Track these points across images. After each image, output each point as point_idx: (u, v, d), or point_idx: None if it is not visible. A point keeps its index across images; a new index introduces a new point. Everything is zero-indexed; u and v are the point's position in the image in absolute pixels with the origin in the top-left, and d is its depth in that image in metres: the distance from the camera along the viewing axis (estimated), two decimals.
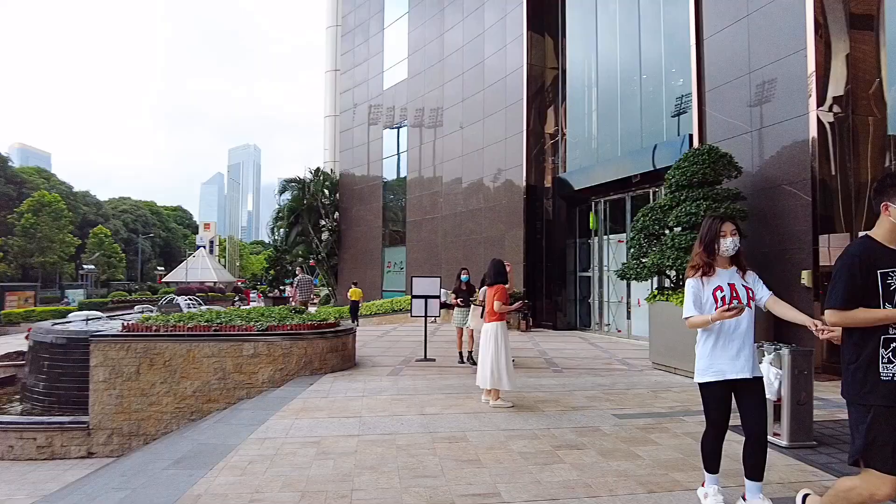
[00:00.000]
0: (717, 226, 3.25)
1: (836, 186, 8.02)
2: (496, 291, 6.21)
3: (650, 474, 3.98)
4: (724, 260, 3.28)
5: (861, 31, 8.10)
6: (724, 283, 3.21)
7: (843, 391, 2.62)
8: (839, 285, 2.55)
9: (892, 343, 2.50)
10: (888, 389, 2.46)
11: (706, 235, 3.28)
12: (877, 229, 2.59)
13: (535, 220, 15.90)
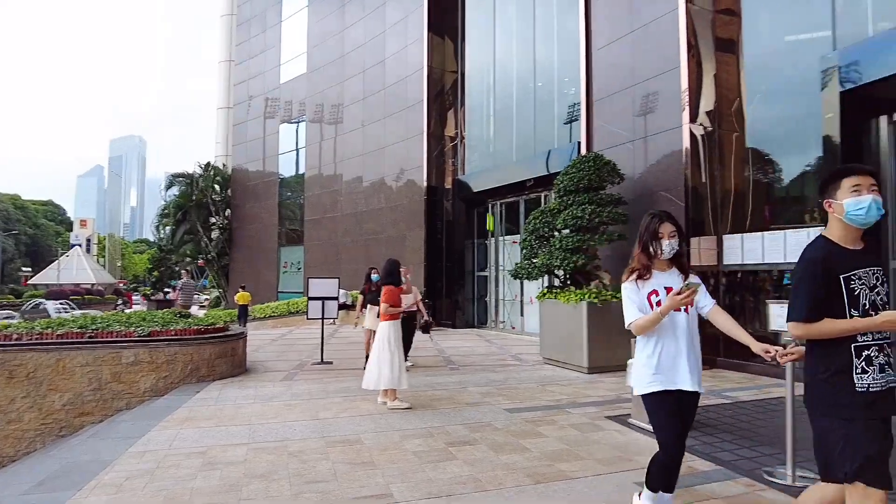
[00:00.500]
0: (655, 226, 2.95)
1: (705, 193, 8.81)
2: (384, 292, 6.23)
3: (537, 466, 4.16)
4: (663, 262, 3.01)
5: (725, 53, 8.95)
6: (661, 286, 2.94)
7: (813, 403, 2.43)
8: (801, 295, 2.33)
9: (864, 351, 2.30)
10: (866, 401, 2.26)
11: (644, 235, 3.00)
12: (830, 228, 2.43)
13: (435, 220, 16.10)
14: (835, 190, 2.37)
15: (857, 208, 2.30)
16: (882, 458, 2.24)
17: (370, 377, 6.06)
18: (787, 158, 8.22)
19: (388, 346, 6.07)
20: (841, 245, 2.36)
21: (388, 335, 6.11)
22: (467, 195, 15.48)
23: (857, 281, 2.29)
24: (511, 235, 14.50)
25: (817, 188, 2.61)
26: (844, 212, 2.33)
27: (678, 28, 8.85)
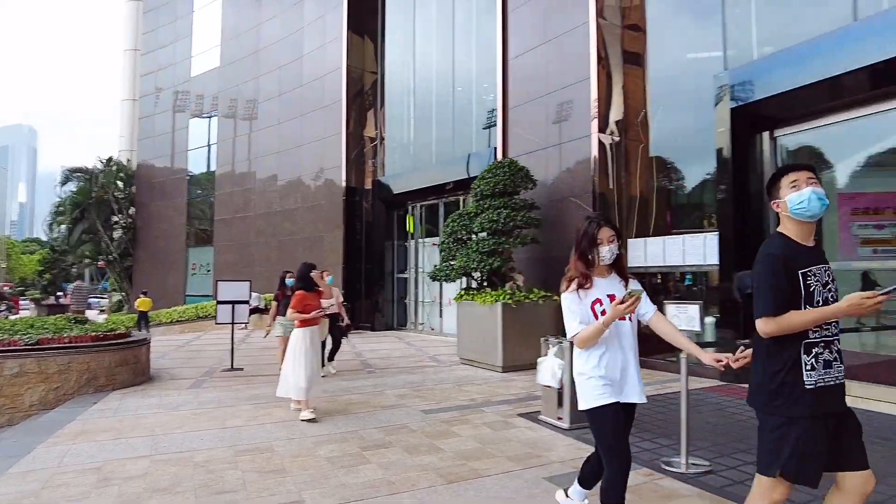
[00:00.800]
0: (593, 231, 2.78)
1: (612, 199, 9.28)
2: (294, 298, 5.96)
3: (451, 466, 4.22)
4: (602, 268, 2.85)
5: (632, 66, 9.48)
6: (604, 294, 2.79)
7: (759, 401, 2.41)
8: (767, 290, 2.30)
9: (813, 348, 2.31)
10: (813, 398, 2.27)
11: (581, 242, 2.81)
12: (784, 227, 2.45)
13: (354, 221, 15.92)
14: (777, 190, 2.44)
15: (799, 202, 2.35)
16: (818, 457, 2.25)
17: (283, 384, 5.83)
18: (686, 167, 8.82)
19: (300, 353, 5.74)
20: (796, 241, 2.37)
21: (299, 343, 5.81)
22: (387, 196, 15.43)
23: (812, 277, 2.30)
24: (431, 237, 14.60)
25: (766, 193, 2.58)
26: (789, 208, 2.37)
27: (589, 41, 9.28)
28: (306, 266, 6.28)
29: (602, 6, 9.34)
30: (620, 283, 2.85)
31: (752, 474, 3.89)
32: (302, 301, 5.90)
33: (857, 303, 2.15)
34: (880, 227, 8.55)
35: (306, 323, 5.89)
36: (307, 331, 5.88)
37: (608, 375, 2.76)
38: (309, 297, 6.02)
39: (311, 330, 5.94)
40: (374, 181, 15.99)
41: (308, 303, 5.93)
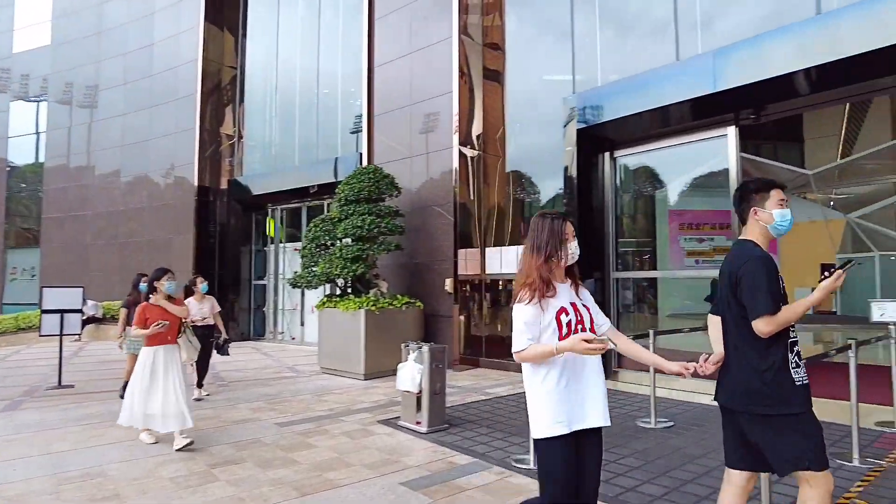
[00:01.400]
0: (559, 226, 2.46)
1: (473, 209, 9.66)
2: (137, 311, 5.11)
3: (306, 478, 4.12)
4: (560, 271, 2.50)
5: (492, 83, 9.96)
6: (567, 302, 2.44)
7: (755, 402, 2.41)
8: (764, 290, 2.37)
9: (795, 346, 2.44)
10: (803, 393, 2.39)
11: (549, 240, 2.44)
12: (752, 234, 2.56)
13: (208, 224, 14.91)
14: (763, 200, 2.54)
15: (783, 220, 2.52)
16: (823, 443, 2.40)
17: (127, 411, 4.96)
18: (540, 182, 9.44)
19: (146, 377, 4.92)
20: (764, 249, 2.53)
21: (147, 363, 4.97)
22: (245, 198, 14.67)
23: (782, 281, 2.48)
24: (293, 242, 14.12)
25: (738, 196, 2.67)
26: (774, 221, 2.51)
27: (452, 56, 9.60)
28: (156, 272, 5.37)
29: (465, 23, 9.73)
30: (571, 286, 2.53)
31: None
32: (143, 314, 5.04)
33: (828, 286, 2.39)
34: (701, 240, 9.80)
35: (156, 340, 5.04)
36: (157, 350, 5.02)
37: (568, 399, 2.37)
38: (153, 309, 5.12)
39: (165, 349, 5.06)
40: (231, 181, 15.11)
41: (148, 315, 5.02)
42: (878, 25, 5.43)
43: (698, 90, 6.77)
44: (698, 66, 6.83)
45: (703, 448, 4.72)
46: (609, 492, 3.77)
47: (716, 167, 7.69)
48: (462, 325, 9.37)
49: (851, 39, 5.60)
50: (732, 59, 6.48)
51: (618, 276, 8.29)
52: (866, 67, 5.82)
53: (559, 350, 2.29)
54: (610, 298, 8.23)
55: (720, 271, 2.68)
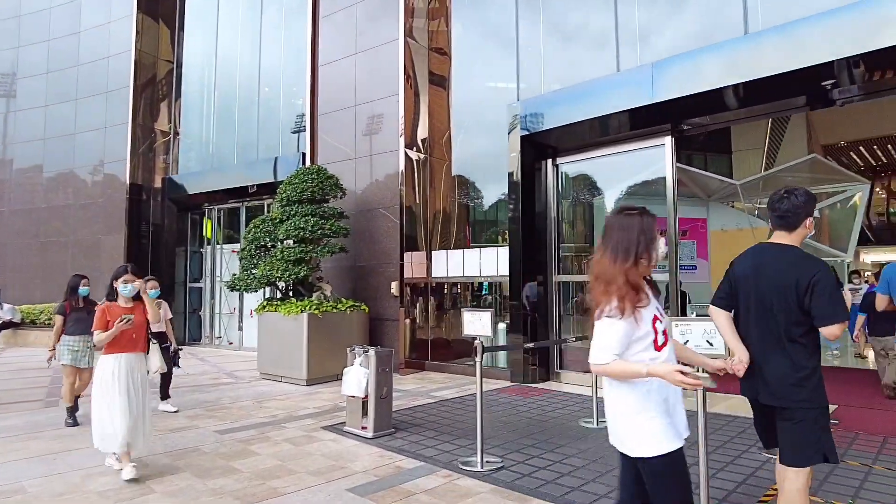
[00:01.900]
0: (648, 223, 2.20)
1: (418, 213, 9.65)
2: (97, 313, 4.40)
3: (248, 487, 3.99)
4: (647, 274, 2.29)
5: (438, 88, 10.01)
6: (655, 308, 2.24)
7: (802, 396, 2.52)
8: (840, 299, 2.58)
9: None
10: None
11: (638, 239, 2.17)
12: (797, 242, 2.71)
13: (140, 223, 14.22)
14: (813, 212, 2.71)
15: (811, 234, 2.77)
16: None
17: (100, 433, 4.26)
18: (484, 187, 9.56)
19: (112, 391, 4.23)
20: None
21: (108, 375, 4.28)
22: (181, 197, 14.09)
23: None
24: (231, 244, 13.68)
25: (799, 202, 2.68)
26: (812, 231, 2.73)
27: (398, 58, 9.57)
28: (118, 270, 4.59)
29: (410, 27, 9.73)
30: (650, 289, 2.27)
31: (538, 466, 4.35)
32: (103, 316, 4.34)
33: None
34: None
35: (120, 346, 4.34)
36: (120, 358, 4.32)
37: (673, 411, 2.24)
38: (115, 309, 4.40)
39: (128, 357, 4.36)
40: (166, 179, 14.49)
41: (111, 317, 4.31)
42: (796, 48, 5.83)
43: (637, 101, 7.04)
44: (637, 78, 7.10)
45: None
46: (555, 492, 3.85)
47: (653, 175, 8.01)
48: (408, 329, 9.34)
49: (774, 59, 5.98)
50: (670, 71, 6.78)
51: (559, 279, 8.49)
52: (786, 86, 6.23)
53: (650, 374, 2.07)
54: (551, 301, 8.41)
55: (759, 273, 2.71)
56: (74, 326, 5.97)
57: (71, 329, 5.98)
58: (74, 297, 6.10)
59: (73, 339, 5.95)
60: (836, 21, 5.60)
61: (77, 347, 5.96)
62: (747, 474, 4.10)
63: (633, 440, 2.19)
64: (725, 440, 4.98)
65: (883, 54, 5.38)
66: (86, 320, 5.76)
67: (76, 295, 6.12)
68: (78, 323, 5.96)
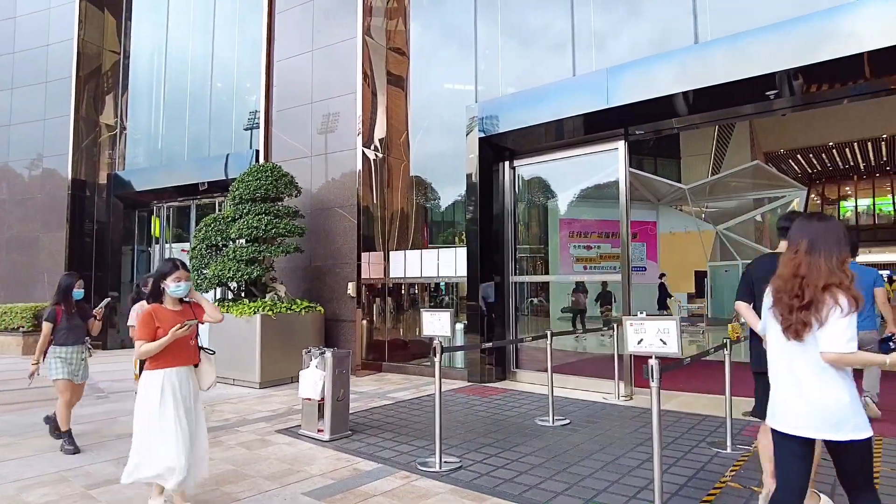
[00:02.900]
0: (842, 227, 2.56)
1: (376, 213, 9.59)
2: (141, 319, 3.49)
3: (200, 493, 3.87)
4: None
5: (396, 88, 9.97)
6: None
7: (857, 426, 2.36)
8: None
9: None
10: None
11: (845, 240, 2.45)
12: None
13: (83, 221, 13.59)
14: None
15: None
16: None
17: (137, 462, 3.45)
18: (442, 188, 9.57)
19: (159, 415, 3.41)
20: None
21: (154, 395, 3.43)
22: (127, 194, 13.54)
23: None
24: (181, 243, 13.24)
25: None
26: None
27: (356, 56, 9.49)
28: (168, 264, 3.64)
29: (369, 25, 9.66)
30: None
31: (496, 465, 4.38)
32: (150, 321, 3.44)
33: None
34: (588, 247, 10.39)
35: (167, 359, 3.48)
36: (170, 373, 3.48)
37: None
38: (164, 312, 3.53)
39: (178, 372, 3.52)
40: (112, 175, 13.90)
41: (160, 323, 3.46)
42: (743, 58, 6.08)
43: (592, 105, 7.19)
44: (593, 83, 7.26)
45: (599, 443, 5.00)
46: (513, 490, 3.89)
47: (606, 179, 8.21)
48: (364, 330, 9.26)
49: (721, 69, 6.22)
50: (624, 77, 6.96)
51: (515, 279, 8.59)
52: (733, 94, 6.49)
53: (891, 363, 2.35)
54: (508, 301, 8.50)
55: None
56: (68, 335, 5.09)
57: (63, 338, 5.06)
58: (67, 302, 5.13)
59: (68, 350, 5.07)
60: (780, 35, 5.87)
61: (73, 359, 5.10)
62: (698, 468, 4.25)
63: (851, 424, 2.31)
64: (677, 436, 5.14)
65: (821, 67, 5.67)
66: (81, 328, 5.19)
67: (70, 298, 5.15)
68: (72, 331, 5.12)
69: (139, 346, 3.42)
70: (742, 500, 3.64)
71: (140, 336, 3.42)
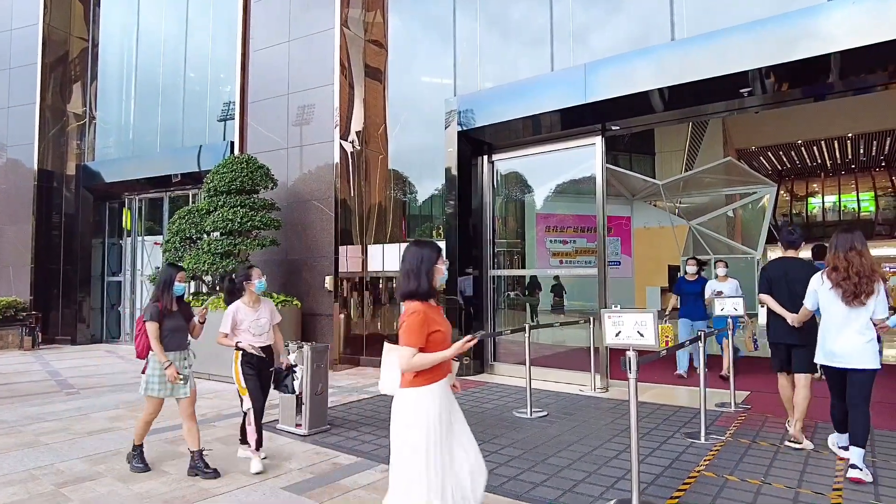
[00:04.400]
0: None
1: (353, 206, 9.52)
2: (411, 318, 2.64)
3: (177, 489, 3.82)
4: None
5: (374, 81, 9.89)
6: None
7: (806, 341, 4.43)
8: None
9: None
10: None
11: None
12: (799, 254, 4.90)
13: (50, 213, 13.22)
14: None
15: None
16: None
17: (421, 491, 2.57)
18: (420, 181, 9.53)
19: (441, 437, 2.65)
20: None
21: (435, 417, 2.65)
22: (97, 185, 13.20)
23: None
24: (153, 235, 12.98)
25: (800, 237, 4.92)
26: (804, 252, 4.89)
27: (334, 48, 9.38)
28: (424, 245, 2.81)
29: (346, 16, 9.56)
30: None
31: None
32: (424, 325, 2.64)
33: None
34: (565, 242, 10.47)
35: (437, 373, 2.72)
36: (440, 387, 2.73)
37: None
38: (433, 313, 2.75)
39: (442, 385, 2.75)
40: (80, 167, 13.54)
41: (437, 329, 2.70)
42: (719, 56, 6.18)
43: (570, 101, 7.24)
44: (571, 78, 7.30)
45: (577, 434, 5.06)
46: (493, 482, 3.91)
47: (582, 174, 8.28)
48: (342, 324, 9.21)
49: (698, 66, 6.31)
50: (602, 73, 7.01)
51: (493, 273, 8.62)
52: (708, 92, 6.59)
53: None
54: (486, 294, 8.54)
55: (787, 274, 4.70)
56: (170, 339, 4.25)
57: (167, 341, 4.22)
58: (169, 297, 4.30)
59: (170, 357, 4.20)
60: (755, 34, 5.97)
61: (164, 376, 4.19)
62: (673, 458, 4.34)
63: (866, 357, 3.92)
64: (653, 426, 5.23)
65: (796, 66, 5.79)
66: (184, 330, 4.38)
67: (171, 293, 4.31)
68: (175, 334, 4.29)
69: (411, 356, 2.61)
70: (716, 488, 3.73)
71: (415, 342, 2.61)
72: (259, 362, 4.44)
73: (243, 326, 4.43)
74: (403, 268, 2.73)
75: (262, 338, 4.49)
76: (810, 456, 4.34)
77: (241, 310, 4.47)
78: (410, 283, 2.69)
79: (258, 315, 4.51)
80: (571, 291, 9.45)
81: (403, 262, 2.75)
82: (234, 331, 4.43)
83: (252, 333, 4.43)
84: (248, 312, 4.49)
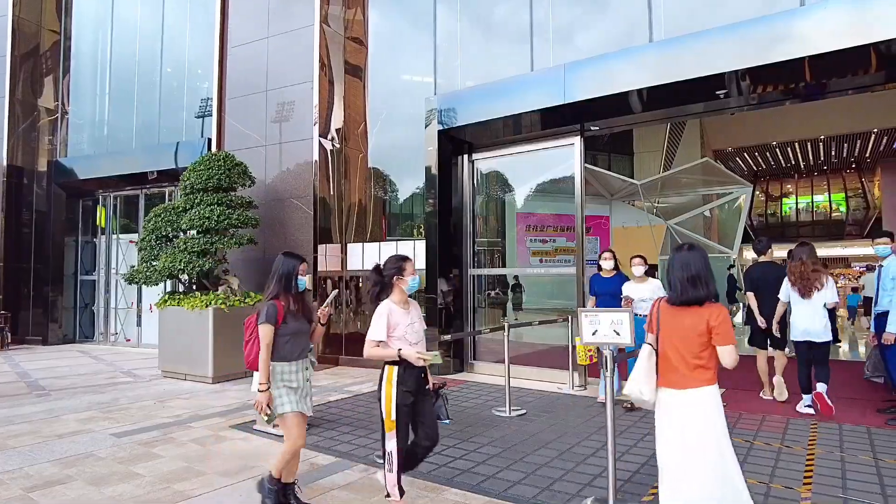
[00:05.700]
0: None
1: (333, 204, 9.46)
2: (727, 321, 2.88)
3: (151, 492, 3.76)
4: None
5: (354, 78, 9.82)
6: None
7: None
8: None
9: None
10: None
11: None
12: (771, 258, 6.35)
13: (20, 209, 12.91)
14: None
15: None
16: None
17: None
18: (401, 180, 9.49)
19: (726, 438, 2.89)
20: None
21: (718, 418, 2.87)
22: (70, 182, 12.92)
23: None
24: (129, 234, 12.75)
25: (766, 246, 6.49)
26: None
27: (313, 44, 9.31)
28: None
29: (326, 13, 9.49)
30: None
31: (454, 456, 4.41)
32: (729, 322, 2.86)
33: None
34: (545, 241, 10.53)
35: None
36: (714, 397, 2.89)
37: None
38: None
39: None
40: (52, 163, 13.23)
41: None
42: (697, 57, 6.26)
43: (550, 101, 7.28)
44: (551, 78, 7.34)
45: (555, 432, 5.09)
46: (470, 480, 3.93)
47: (562, 174, 8.33)
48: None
49: (677, 67, 6.38)
50: (581, 73, 7.06)
51: (474, 272, 8.64)
52: (687, 93, 6.68)
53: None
54: (466, 294, 8.55)
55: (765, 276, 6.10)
56: (294, 344, 3.42)
57: (287, 349, 3.38)
58: (293, 294, 3.47)
59: (292, 369, 3.40)
60: (732, 36, 6.06)
61: (298, 380, 3.41)
62: (649, 456, 4.38)
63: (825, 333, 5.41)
64: (629, 425, 5.29)
65: (771, 68, 5.89)
66: (306, 334, 3.53)
67: (293, 289, 3.48)
68: (297, 339, 3.45)
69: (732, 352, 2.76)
70: None
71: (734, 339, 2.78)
72: (417, 385, 3.29)
73: (397, 333, 3.24)
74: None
75: (418, 346, 3.29)
76: (782, 452, 4.42)
77: (395, 311, 3.27)
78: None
79: (411, 318, 3.33)
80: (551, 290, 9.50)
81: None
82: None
83: (409, 342, 3.25)
84: (402, 315, 3.29)
